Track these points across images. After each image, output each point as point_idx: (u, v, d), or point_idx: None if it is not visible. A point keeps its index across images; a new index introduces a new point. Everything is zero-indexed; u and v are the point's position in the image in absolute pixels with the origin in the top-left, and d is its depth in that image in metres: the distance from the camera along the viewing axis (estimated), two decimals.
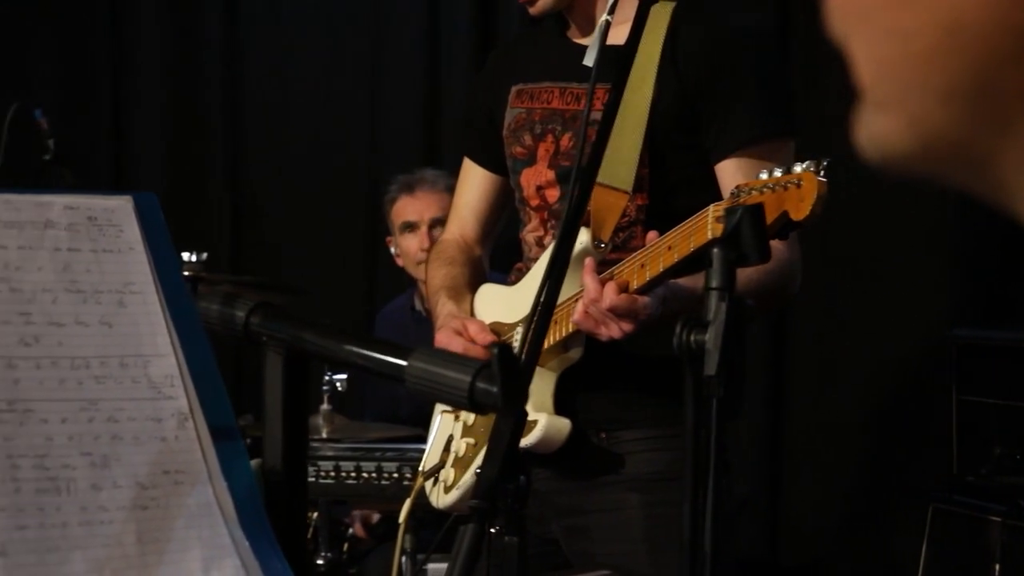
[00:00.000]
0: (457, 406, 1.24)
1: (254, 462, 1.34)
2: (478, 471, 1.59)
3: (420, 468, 2.43)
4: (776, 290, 2.24)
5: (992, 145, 0.50)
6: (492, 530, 1.67)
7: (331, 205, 5.46)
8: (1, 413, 1.16)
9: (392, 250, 4.37)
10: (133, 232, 1.32)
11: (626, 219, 2.24)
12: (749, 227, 1.46)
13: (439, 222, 3.90)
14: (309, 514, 3.61)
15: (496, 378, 1.19)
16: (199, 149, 5.71)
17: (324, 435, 3.54)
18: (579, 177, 1.85)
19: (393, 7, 5.45)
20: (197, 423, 1.27)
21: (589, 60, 2.11)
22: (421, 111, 5.36)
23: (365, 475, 3.22)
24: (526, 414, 1.61)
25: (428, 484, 2.39)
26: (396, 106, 5.42)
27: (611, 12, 2.02)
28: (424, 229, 4.09)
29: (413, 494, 2.26)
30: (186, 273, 3.58)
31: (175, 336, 1.30)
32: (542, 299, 1.65)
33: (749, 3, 4.25)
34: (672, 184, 2.25)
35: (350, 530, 3.90)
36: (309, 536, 3.63)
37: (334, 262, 5.41)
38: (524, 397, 1.25)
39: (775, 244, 2.12)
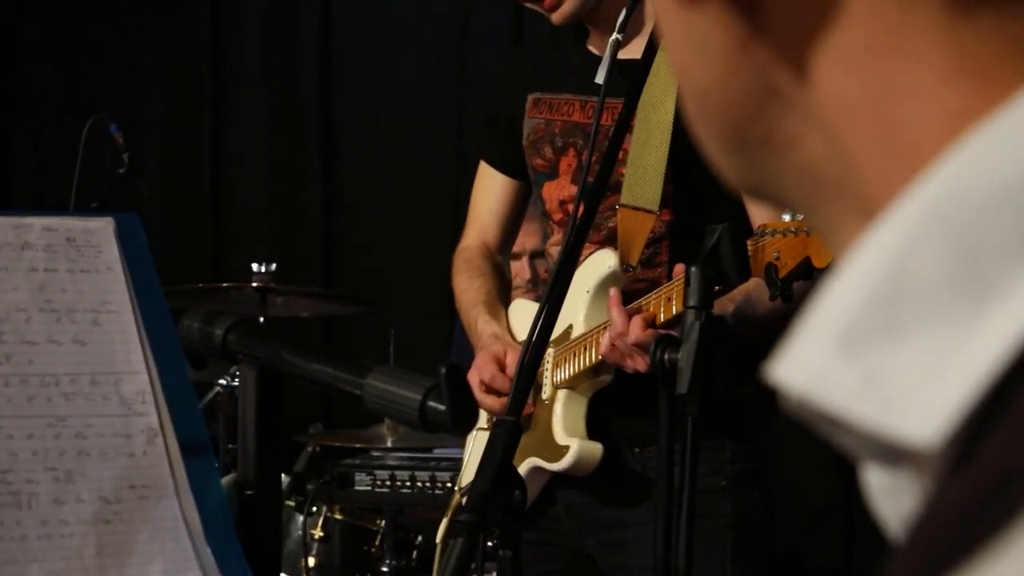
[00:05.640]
0: (411, 424, 1.26)
1: (229, 477, 1.38)
2: (469, 485, 1.61)
3: (456, 486, 2.44)
4: None
5: (773, 191, 0.51)
6: (489, 544, 1.68)
7: (421, 215, 5.52)
8: None
9: None
10: (112, 252, 1.36)
11: (652, 235, 2.21)
12: (728, 246, 1.45)
13: (539, 255, 3.68)
14: (377, 521, 3.65)
15: (445, 397, 1.21)
16: (296, 162, 5.81)
17: (388, 444, 3.58)
18: (583, 198, 1.83)
19: (480, 19, 5.50)
20: (167, 439, 1.31)
21: (599, 78, 2.09)
22: None
23: (419, 484, 3.26)
24: (520, 429, 1.61)
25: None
26: None
27: (621, 31, 2.01)
28: (526, 260, 3.86)
29: (449, 512, 2.28)
30: (255, 284, 3.64)
31: (149, 354, 1.33)
32: (538, 326, 1.64)
33: None
34: (696, 200, 2.21)
35: (419, 538, 3.93)
36: (376, 543, 3.68)
37: (424, 271, 5.46)
38: (475, 416, 1.26)
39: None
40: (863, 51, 0.44)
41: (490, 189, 2.56)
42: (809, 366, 0.42)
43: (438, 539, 2.34)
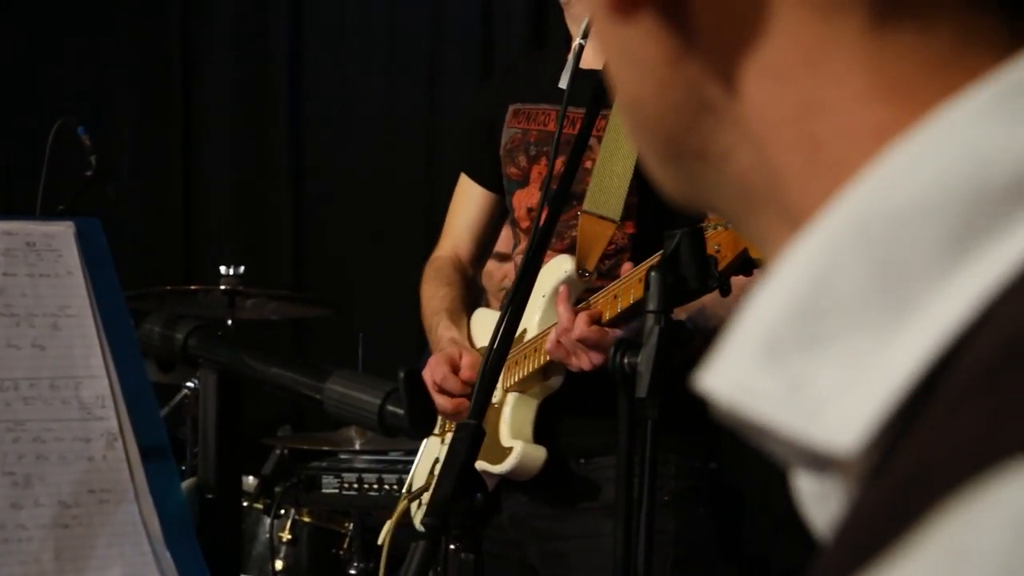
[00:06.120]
0: (371, 428, 1.27)
1: (189, 481, 1.38)
2: (419, 489, 1.61)
3: (405, 490, 2.45)
4: None
5: (707, 201, 0.52)
6: (451, 547, 1.68)
7: (391, 217, 5.52)
8: None
9: None
10: (72, 257, 1.36)
11: (613, 247, 2.23)
12: (688, 251, 1.46)
13: None
14: (345, 524, 3.65)
15: (404, 402, 1.22)
16: (266, 165, 5.80)
17: (357, 447, 3.58)
18: (546, 203, 1.83)
19: (449, 21, 5.51)
20: (127, 443, 1.31)
21: (563, 83, 2.09)
22: None
23: (387, 487, 3.26)
24: (483, 432, 1.61)
25: (413, 506, 2.40)
26: (452, 118, 5.47)
27: (585, 36, 2.01)
28: (515, 263, 3.85)
29: (396, 516, 2.27)
30: (224, 287, 3.64)
31: (110, 358, 1.33)
32: (501, 329, 1.64)
33: None
34: (660, 214, 2.15)
35: None
36: (344, 546, 3.68)
37: (393, 275, 5.46)
38: (433, 420, 1.26)
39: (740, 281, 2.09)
40: (789, 66, 0.44)
41: (468, 201, 2.55)
42: (735, 375, 0.43)
43: (380, 540, 2.34)
